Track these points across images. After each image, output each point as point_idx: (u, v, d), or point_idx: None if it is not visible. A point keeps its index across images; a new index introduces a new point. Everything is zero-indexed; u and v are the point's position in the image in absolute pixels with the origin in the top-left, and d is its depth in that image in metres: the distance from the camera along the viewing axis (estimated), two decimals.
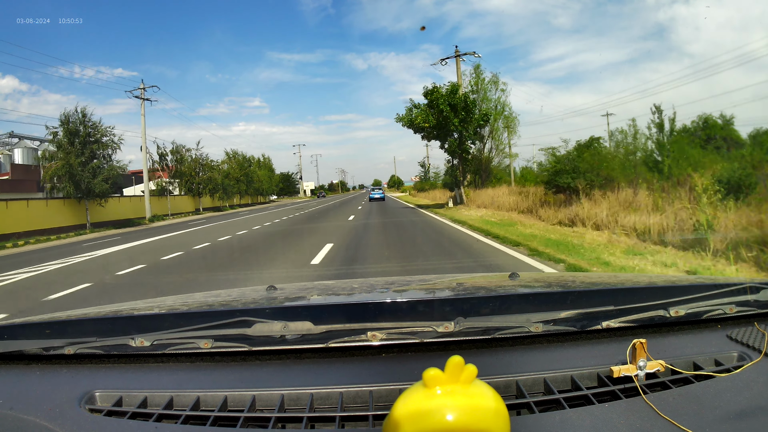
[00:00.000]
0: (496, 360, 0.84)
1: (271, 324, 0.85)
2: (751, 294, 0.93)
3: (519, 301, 1.04)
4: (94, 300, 5.66)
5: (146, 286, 6.50)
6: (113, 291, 6.25)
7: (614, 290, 1.08)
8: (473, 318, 0.86)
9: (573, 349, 0.87)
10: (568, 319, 0.88)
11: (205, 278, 6.73)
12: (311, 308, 1.07)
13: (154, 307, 1.18)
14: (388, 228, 13.24)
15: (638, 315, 0.89)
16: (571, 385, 0.77)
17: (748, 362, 0.79)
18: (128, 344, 0.86)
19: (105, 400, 0.78)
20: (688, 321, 0.92)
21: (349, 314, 0.96)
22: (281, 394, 0.76)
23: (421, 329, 0.84)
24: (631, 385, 0.74)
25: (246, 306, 1.16)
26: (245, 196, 51.31)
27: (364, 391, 0.76)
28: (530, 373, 0.78)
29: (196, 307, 1.15)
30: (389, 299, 1.08)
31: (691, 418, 0.65)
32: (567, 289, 1.18)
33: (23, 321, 1.03)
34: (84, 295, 6.08)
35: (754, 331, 0.89)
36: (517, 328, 0.85)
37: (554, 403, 0.73)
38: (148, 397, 0.77)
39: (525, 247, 7.74)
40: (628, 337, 0.83)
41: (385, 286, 1.47)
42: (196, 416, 0.73)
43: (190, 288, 5.99)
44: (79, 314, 1.11)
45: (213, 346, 0.85)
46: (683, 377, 0.77)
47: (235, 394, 0.76)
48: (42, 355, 0.90)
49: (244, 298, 1.35)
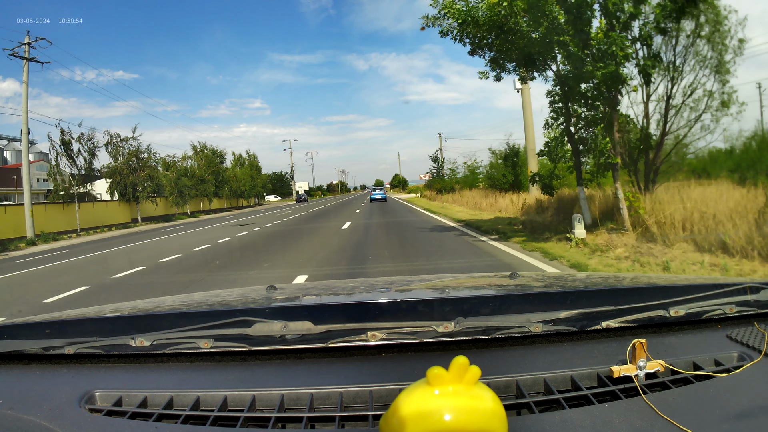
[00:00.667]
0: (496, 360, 0.84)
1: (271, 324, 0.85)
2: (751, 294, 0.93)
3: (519, 301, 1.04)
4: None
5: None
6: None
7: (614, 290, 1.08)
8: (473, 318, 0.86)
9: (573, 349, 0.87)
10: (568, 319, 0.88)
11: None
12: (311, 308, 1.07)
13: (154, 307, 1.18)
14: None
15: (638, 315, 0.89)
16: (571, 385, 0.77)
17: (748, 362, 0.79)
18: (128, 344, 0.86)
19: (105, 400, 0.78)
20: (688, 321, 0.92)
21: (349, 314, 0.96)
22: (281, 394, 0.76)
23: (421, 329, 0.84)
24: (631, 385, 0.74)
25: (246, 306, 1.16)
26: (220, 199, 43.24)
27: (364, 391, 0.76)
28: (530, 373, 0.78)
29: (195, 307, 1.16)
30: (389, 299, 1.08)
31: (691, 418, 0.65)
32: (567, 289, 1.19)
33: (23, 321, 1.03)
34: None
35: (754, 331, 0.89)
36: (517, 328, 0.85)
37: (554, 403, 0.73)
38: (148, 397, 0.77)
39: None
40: (628, 337, 0.83)
41: (385, 285, 1.47)
42: (196, 416, 0.73)
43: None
44: (79, 314, 1.12)
45: (213, 346, 0.85)
46: (683, 377, 0.77)
47: (235, 394, 0.76)
48: (42, 355, 0.90)
49: (244, 297, 1.35)
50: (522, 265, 6.30)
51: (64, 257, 12.22)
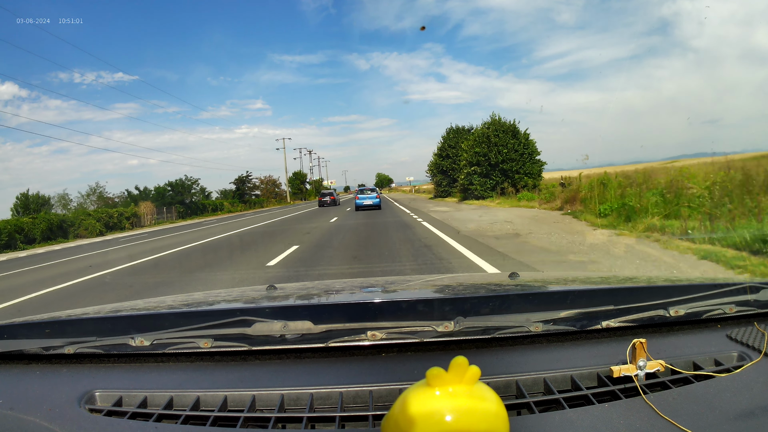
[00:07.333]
0: (495, 360, 0.84)
1: (271, 323, 0.85)
2: (751, 294, 0.93)
3: (519, 300, 1.04)
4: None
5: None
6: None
7: (614, 290, 1.08)
8: (473, 318, 0.86)
9: (573, 348, 0.87)
10: (567, 318, 0.88)
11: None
12: (311, 308, 1.07)
13: (154, 307, 1.18)
14: None
15: (638, 315, 0.89)
16: (571, 385, 0.77)
17: (748, 362, 0.79)
18: (128, 344, 0.86)
19: (105, 400, 0.78)
20: (688, 321, 0.92)
21: (349, 314, 0.96)
22: (281, 394, 0.76)
23: (420, 329, 0.84)
24: (631, 385, 0.74)
25: (246, 305, 1.16)
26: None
27: (364, 391, 0.76)
28: (530, 373, 0.78)
29: (195, 307, 1.16)
30: (389, 299, 1.08)
31: (691, 418, 0.65)
32: (567, 289, 1.18)
33: (23, 320, 1.03)
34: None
35: (754, 331, 0.89)
36: (516, 328, 0.85)
37: (554, 403, 0.73)
38: (148, 397, 0.77)
39: None
40: (628, 337, 0.83)
41: (385, 285, 1.47)
42: (196, 416, 0.73)
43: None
44: (79, 314, 1.11)
45: (213, 345, 0.85)
46: (683, 377, 0.77)
47: (235, 394, 0.76)
48: (42, 355, 0.90)
49: (244, 297, 1.35)
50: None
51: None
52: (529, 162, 23.90)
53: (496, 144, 24.24)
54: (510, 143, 24.01)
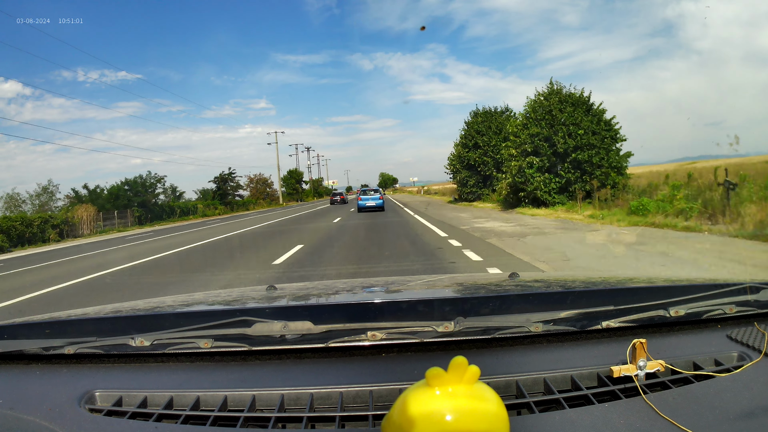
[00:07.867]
0: (496, 360, 0.84)
1: (271, 324, 0.85)
2: (751, 294, 0.93)
3: (519, 301, 1.04)
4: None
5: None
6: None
7: (614, 290, 1.08)
8: (473, 318, 0.86)
9: (573, 349, 0.87)
10: (568, 319, 0.88)
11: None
12: (311, 308, 1.07)
13: (154, 307, 1.18)
14: None
15: (638, 315, 0.89)
16: (571, 385, 0.77)
17: (748, 362, 0.79)
18: (128, 344, 0.86)
19: (105, 400, 0.78)
20: (688, 321, 0.92)
21: (349, 314, 0.96)
22: (281, 394, 0.76)
23: (420, 329, 0.84)
24: (631, 385, 0.74)
25: (246, 306, 1.16)
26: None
27: (364, 391, 0.76)
28: (530, 373, 0.78)
29: (196, 307, 1.16)
30: (389, 299, 1.08)
31: (691, 418, 0.65)
32: (567, 289, 1.18)
33: (23, 321, 1.03)
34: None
35: (754, 331, 0.89)
36: (517, 328, 0.85)
37: (554, 403, 0.73)
38: (148, 397, 0.77)
39: None
40: (628, 337, 0.83)
41: (385, 285, 1.47)
42: (196, 416, 0.73)
43: None
44: (79, 314, 1.12)
45: (213, 345, 0.85)
46: (683, 377, 0.77)
47: (235, 394, 0.76)
48: (42, 355, 0.90)
49: (244, 297, 1.35)
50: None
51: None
52: (613, 151, 15.41)
53: (564, 123, 15.68)
54: (584, 122, 15.41)
